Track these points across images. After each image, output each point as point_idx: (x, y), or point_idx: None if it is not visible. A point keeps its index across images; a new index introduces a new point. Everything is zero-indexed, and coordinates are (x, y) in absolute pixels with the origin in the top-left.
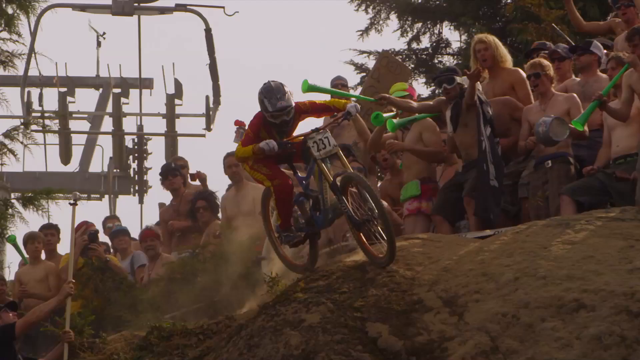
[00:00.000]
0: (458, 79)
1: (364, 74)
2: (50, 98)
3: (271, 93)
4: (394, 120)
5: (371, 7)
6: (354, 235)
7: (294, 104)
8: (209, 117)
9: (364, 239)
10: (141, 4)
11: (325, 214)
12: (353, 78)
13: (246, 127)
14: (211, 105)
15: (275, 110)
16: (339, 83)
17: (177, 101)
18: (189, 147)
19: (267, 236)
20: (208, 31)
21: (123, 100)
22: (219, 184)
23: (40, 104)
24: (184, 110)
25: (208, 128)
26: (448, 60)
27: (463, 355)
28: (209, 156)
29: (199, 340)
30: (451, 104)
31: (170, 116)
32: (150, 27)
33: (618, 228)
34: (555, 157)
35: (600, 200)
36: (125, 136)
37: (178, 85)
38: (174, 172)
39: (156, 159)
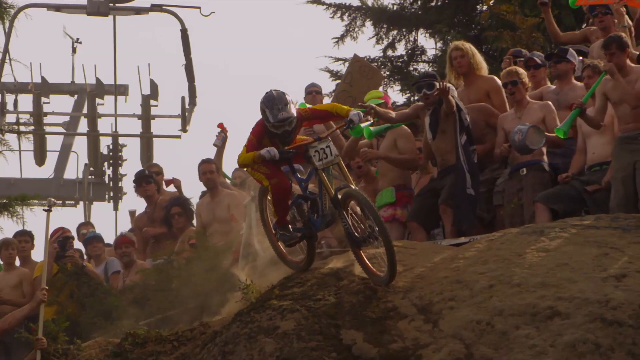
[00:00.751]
0: (438, 85)
1: (339, 81)
2: (25, 103)
3: (272, 103)
4: (371, 128)
5: (347, 14)
6: (354, 252)
7: (295, 114)
8: (185, 118)
9: (364, 257)
10: (116, 4)
11: (323, 217)
12: (328, 85)
13: (227, 132)
14: (187, 106)
15: (276, 121)
16: (313, 90)
17: (152, 102)
18: (164, 149)
19: (265, 231)
20: (184, 31)
21: (98, 101)
22: (195, 186)
23: (15, 109)
24: (159, 111)
25: (184, 129)
26: (423, 68)
27: None
28: (184, 158)
29: (173, 347)
30: (430, 110)
31: (146, 117)
32: (126, 27)
33: (592, 236)
34: (530, 164)
35: (575, 208)
36: (101, 143)
37: (154, 86)
38: (148, 179)
39: (131, 165)
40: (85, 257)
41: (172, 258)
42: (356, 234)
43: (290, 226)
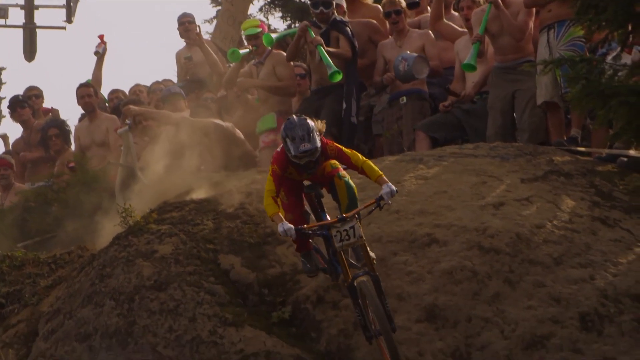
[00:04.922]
0: (335, 3)
1: (220, 7)
2: None
3: (294, 133)
4: (272, 35)
5: None
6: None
7: (319, 145)
8: (70, 9)
9: (384, 349)
10: None
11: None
12: (209, 11)
13: (106, 44)
14: None
15: (298, 153)
16: (185, 20)
17: None
18: (48, 42)
19: None
20: None
21: None
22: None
23: None
24: (43, 1)
25: (69, 20)
26: None
27: (315, 288)
28: (68, 52)
29: (50, 269)
30: (321, 30)
31: (29, 7)
32: None
33: (471, 164)
34: (410, 93)
35: (455, 136)
36: None
37: None
38: (22, 104)
39: (10, 89)
40: None
41: (51, 181)
42: (370, 324)
43: (313, 253)
